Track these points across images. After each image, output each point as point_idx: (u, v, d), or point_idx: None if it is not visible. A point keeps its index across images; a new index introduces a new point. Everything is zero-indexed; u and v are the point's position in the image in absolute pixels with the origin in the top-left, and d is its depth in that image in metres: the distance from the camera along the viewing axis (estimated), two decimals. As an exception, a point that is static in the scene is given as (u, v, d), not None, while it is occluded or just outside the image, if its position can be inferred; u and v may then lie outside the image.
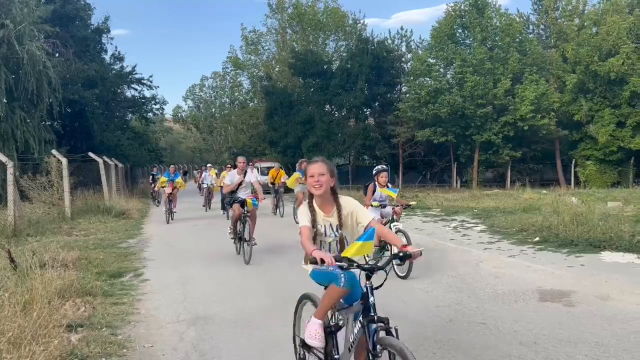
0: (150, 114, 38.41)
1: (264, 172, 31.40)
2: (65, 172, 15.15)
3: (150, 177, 23.76)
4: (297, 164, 16.05)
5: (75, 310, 5.34)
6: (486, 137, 29.18)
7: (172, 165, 16.99)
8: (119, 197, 20.32)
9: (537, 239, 9.71)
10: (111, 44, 41.57)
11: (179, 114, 63.96)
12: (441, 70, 31.75)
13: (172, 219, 15.05)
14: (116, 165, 22.94)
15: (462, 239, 10.55)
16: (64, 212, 14.76)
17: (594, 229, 9.24)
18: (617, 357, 4.01)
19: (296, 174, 13.77)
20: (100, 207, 16.50)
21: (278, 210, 16.48)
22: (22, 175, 15.84)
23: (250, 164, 17.60)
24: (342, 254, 3.10)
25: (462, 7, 31.30)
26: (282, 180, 16.73)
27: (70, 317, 5.10)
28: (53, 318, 4.77)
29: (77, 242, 10.53)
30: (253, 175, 9.58)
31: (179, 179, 15.96)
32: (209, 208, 18.95)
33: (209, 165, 23.42)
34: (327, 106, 35.42)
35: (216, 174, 21.49)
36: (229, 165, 19.36)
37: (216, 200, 18.91)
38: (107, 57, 33.25)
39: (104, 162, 19.80)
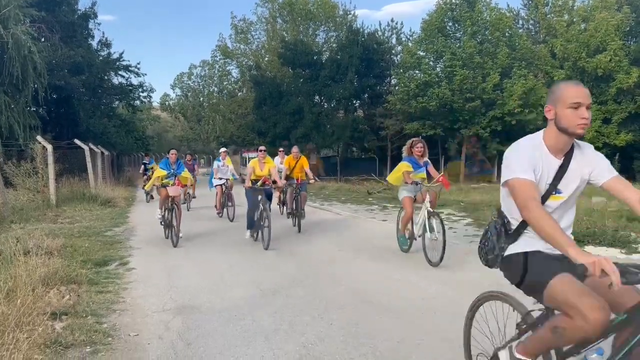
0: (137, 102, 38.06)
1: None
2: (50, 159, 14.96)
3: (142, 166, 19.71)
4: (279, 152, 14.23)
5: (59, 298, 5.30)
6: (474, 131, 29.35)
7: (172, 150, 10.40)
8: (105, 185, 20.16)
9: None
10: (98, 29, 41.24)
11: (167, 103, 63.51)
12: (431, 63, 31.82)
13: (175, 244, 9.04)
14: (102, 153, 22.72)
15: (448, 232, 10.60)
16: (49, 199, 14.61)
17: (578, 224, 9.34)
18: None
19: (404, 165, 7.88)
20: (85, 195, 16.35)
21: (295, 218, 11.02)
22: (6, 162, 15.65)
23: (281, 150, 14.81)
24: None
25: (453, 1, 31.35)
26: (307, 172, 11.35)
27: (54, 305, 5.05)
28: (37, 306, 4.73)
29: (62, 230, 10.43)
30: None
31: (184, 173, 10.15)
32: (231, 216, 12.74)
33: (223, 150, 14.33)
34: (317, 97, 35.39)
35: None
36: (281, 150, 14.79)
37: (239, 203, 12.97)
38: (94, 43, 32.82)
39: (90, 149, 19.60)
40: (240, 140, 42.94)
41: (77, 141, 18.94)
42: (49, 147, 15.13)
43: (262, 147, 10.14)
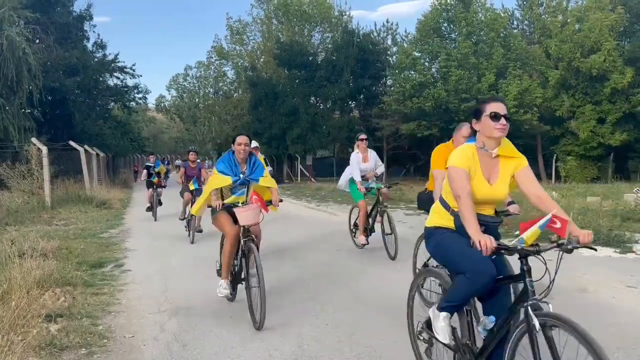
0: (132, 103, 38.02)
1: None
2: (45, 161, 14.92)
3: (144, 171, 14.17)
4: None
5: (54, 300, 5.28)
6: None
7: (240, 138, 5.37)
8: (100, 187, 20.12)
9: (517, 232, 9.83)
10: (93, 31, 41.05)
11: (162, 104, 63.40)
12: (426, 64, 31.88)
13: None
14: (98, 155, 22.67)
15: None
16: (44, 201, 14.57)
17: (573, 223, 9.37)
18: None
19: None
20: (81, 197, 16.30)
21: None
22: (0, 164, 15.58)
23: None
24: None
25: (448, 1, 31.42)
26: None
27: (49, 307, 5.04)
28: (32, 308, 4.72)
29: (57, 232, 10.40)
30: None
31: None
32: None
33: (255, 145, 10.05)
34: (312, 98, 35.38)
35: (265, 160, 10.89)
36: (363, 138, 8.65)
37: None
38: (89, 45, 32.79)
39: (85, 151, 19.55)
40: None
41: (72, 143, 18.88)
42: (44, 149, 15.08)
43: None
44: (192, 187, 10.50)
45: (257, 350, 4.12)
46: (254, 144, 10.86)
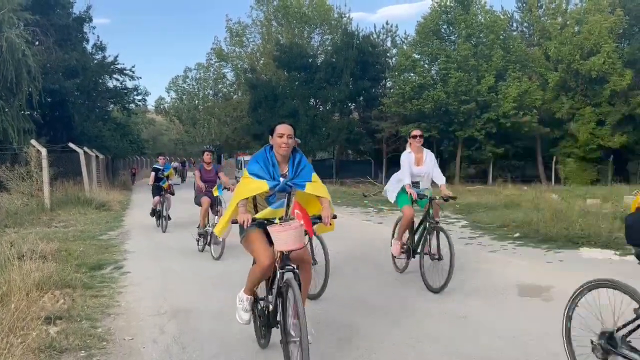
0: (132, 105, 38.01)
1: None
2: (44, 163, 14.91)
3: (152, 174, 12.22)
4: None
5: (54, 303, 5.27)
6: (469, 133, 29.43)
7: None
8: (99, 189, 20.10)
9: (517, 234, 9.83)
10: (93, 33, 40.97)
11: (162, 106, 63.41)
12: (426, 66, 31.92)
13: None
14: (97, 156, 22.66)
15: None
16: (43, 203, 14.55)
17: (573, 226, 9.38)
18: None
19: None
20: (80, 199, 16.29)
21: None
22: (0, 166, 15.57)
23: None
24: None
25: (448, 3, 31.46)
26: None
27: (49, 309, 5.02)
28: (31, 310, 4.70)
29: (56, 234, 10.38)
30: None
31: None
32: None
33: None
34: (312, 100, 35.40)
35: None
36: (418, 134, 7.49)
37: None
38: (88, 47, 32.79)
39: (85, 152, 19.54)
40: (235, 144, 42.89)
41: (71, 145, 18.87)
42: (43, 151, 15.08)
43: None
44: (216, 192, 8.65)
45: (256, 352, 4.11)
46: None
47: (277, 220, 3.64)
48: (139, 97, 37.88)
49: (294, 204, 3.76)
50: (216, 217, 8.50)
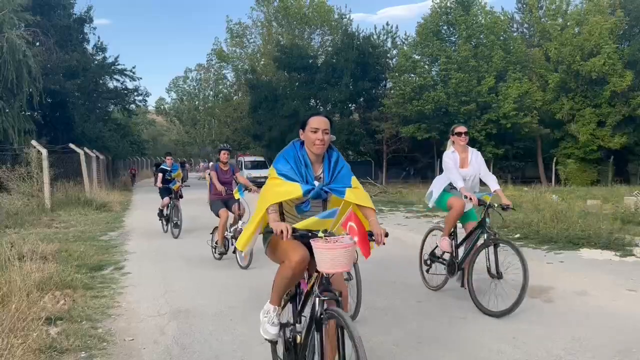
0: (132, 106, 38.03)
1: (247, 166, 31.36)
2: (45, 163, 14.92)
3: (160, 175, 11.52)
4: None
5: (54, 303, 5.27)
6: (469, 134, 29.39)
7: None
8: (100, 190, 20.11)
9: (517, 235, 9.83)
10: (94, 34, 41.14)
11: (162, 106, 63.41)
12: (426, 66, 31.90)
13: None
14: (97, 157, 22.66)
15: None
16: (44, 203, 14.56)
17: (573, 227, 9.37)
18: (595, 352, 4.08)
19: None
20: (80, 199, 16.30)
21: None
22: (0, 166, 15.57)
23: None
24: None
25: (448, 4, 31.46)
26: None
27: (49, 310, 5.03)
28: (32, 311, 4.70)
29: (56, 235, 10.39)
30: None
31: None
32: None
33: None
34: (312, 101, 35.40)
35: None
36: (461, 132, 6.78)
37: None
38: (89, 47, 32.83)
39: (85, 153, 19.54)
40: (235, 144, 42.89)
41: (72, 145, 18.88)
42: (44, 152, 15.08)
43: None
44: (237, 195, 7.59)
45: (256, 353, 4.11)
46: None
47: (320, 234, 2.85)
48: (140, 98, 37.89)
49: (349, 214, 2.83)
50: (240, 222, 7.74)
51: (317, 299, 2.88)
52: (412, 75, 31.28)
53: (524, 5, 34.85)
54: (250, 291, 6.11)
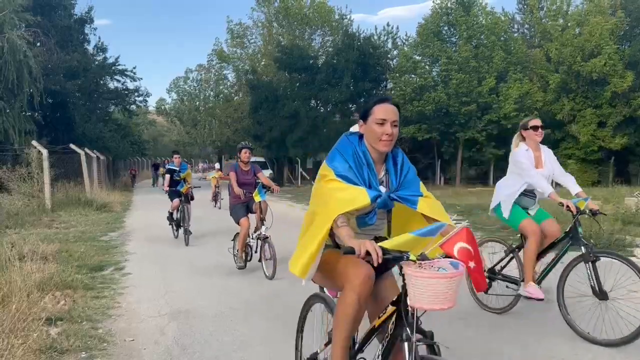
0: (133, 106, 38.08)
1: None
2: (45, 164, 14.93)
3: (167, 175, 10.61)
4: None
5: (55, 304, 5.27)
6: (470, 134, 29.42)
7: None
8: (100, 190, 20.11)
9: (518, 236, 9.80)
10: (94, 34, 41.17)
11: (163, 107, 63.38)
12: (427, 67, 31.93)
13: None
14: (98, 158, 22.67)
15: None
16: (44, 204, 14.57)
17: (573, 227, 9.35)
18: (596, 352, 4.08)
19: None
20: (81, 200, 16.30)
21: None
22: (1, 167, 15.58)
23: None
24: None
25: (449, 5, 31.48)
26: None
27: (49, 310, 5.03)
28: (32, 311, 4.70)
29: (57, 235, 10.39)
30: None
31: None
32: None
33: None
34: (313, 101, 35.40)
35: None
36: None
37: None
38: (89, 48, 32.89)
39: (86, 154, 19.55)
40: (236, 145, 42.90)
41: (72, 146, 18.88)
42: (44, 152, 15.09)
43: None
44: (257, 197, 6.98)
45: (257, 354, 4.11)
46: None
47: (412, 256, 2.14)
48: (140, 98, 37.93)
49: (460, 231, 2.20)
50: (263, 227, 7.05)
51: (405, 343, 2.18)
52: (413, 75, 31.30)
53: (525, 6, 34.88)
54: (251, 292, 6.11)
